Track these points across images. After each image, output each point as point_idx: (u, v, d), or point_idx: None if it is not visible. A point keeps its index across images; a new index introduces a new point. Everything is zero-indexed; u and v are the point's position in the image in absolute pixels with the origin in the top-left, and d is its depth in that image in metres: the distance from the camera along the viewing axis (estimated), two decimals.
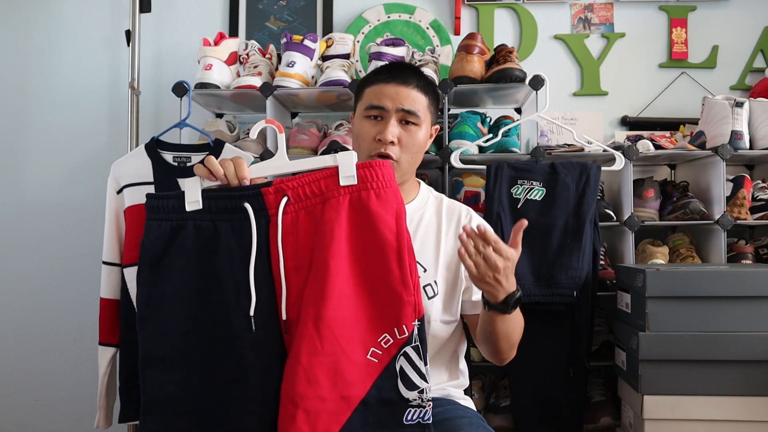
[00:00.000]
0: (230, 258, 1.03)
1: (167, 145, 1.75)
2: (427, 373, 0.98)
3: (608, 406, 1.92)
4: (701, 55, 2.40)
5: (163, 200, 1.06)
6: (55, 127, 2.47)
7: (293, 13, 2.46)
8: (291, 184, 1.04)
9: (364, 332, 0.99)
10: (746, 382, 1.64)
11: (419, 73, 1.37)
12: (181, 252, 1.04)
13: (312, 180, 1.04)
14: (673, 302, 1.66)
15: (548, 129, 2.31)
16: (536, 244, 1.85)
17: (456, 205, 1.41)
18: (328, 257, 0.99)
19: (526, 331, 1.85)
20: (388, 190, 1.01)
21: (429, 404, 0.98)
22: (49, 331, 2.44)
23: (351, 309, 1.00)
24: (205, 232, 1.04)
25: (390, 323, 0.98)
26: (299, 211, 1.03)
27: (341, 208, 1.02)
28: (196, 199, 1.05)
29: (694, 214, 1.98)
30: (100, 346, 1.74)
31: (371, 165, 1.03)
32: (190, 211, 1.05)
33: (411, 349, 0.97)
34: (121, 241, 1.73)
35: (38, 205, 2.46)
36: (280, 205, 1.02)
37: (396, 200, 1.02)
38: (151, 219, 1.06)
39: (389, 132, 1.28)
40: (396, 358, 0.98)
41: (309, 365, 0.97)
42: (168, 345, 1.04)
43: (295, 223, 1.03)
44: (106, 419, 1.76)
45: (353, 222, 1.01)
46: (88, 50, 2.47)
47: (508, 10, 2.44)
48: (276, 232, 1.02)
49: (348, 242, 1.01)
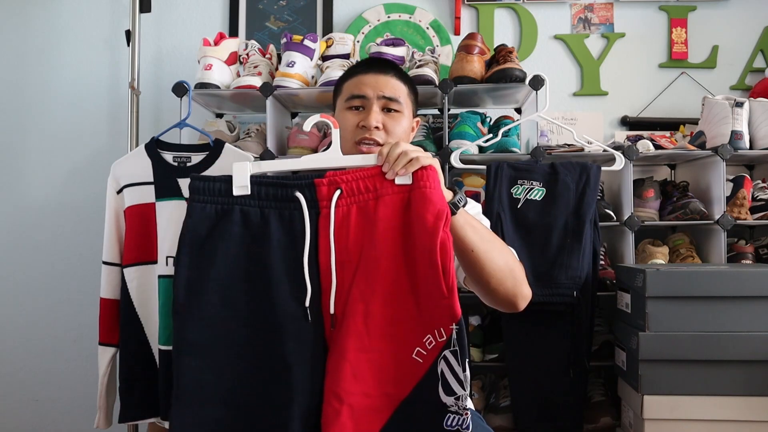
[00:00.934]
0: (279, 247, 1.01)
1: (167, 145, 1.75)
2: (465, 380, 0.96)
3: (608, 406, 1.92)
4: (701, 55, 2.40)
5: (209, 182, 1.02)
6: (55, 127, 2.47)
7: (293, 13, 2.46)
8: (345, 178, 1.02)
9: (410, 331, 0.98)
10: (746, 382, 1.64)
11: (396, 65, 1.38)
12: (225, 237, 1.01)
13: (367, 176, 1.02)
14: (673, 302, 1.66)
15: (548, 129, 2.31)
16: (536, 244, 1.85)
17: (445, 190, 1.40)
18: (380, 255, 0.99)
19: (526, 331, 1.85)
20: (433, 191, 1.00)
21: (466, 413, 0.95)
22: (49, 331, 2.44)
23: (399, 308, 0.98)
24: (252, 219, 1.02)
25: (433, 324, 0.97)
26: (351, 205, 1.02)
27: (395, 206, 1.00)
28: (245, 184, 1.02)
29: (694, 214, 1.98)
30: (100, 346, 1.74)
31: (424, 167, 1.01)
32: (238, 195, 1.02)
33: (450, 353, 0.95)
34: (121, 241, 1.73)
35: (38, 205, 2.46)
36: (333, 197, 1.01)
37: (439, 202, 0.99)
38: (195, 200, 1.02)
39: (373, 117, 1.28)
40: (437, 361, 0.96)
41: (356, 361, 0.97)
42: (206, 331, 1.01)
43: (346, 217, 1.01)
44: (106, 419, 1.76)
45: (404, 221, 1.00)
46: (88, 50, 2.47)
47: (508, 10, 2.44)
48: (327, 225, 1.00)
49: (398, 241, 0.99)
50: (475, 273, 1.13)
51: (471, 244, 1.09)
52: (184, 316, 1.01)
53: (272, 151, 2.01)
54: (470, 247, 1.09)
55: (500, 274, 1.13)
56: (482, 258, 1.10)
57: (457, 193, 1.09)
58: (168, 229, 1.66)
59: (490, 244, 1.12)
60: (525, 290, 1.19)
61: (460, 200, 1.08)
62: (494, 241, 1.15)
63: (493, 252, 1.12)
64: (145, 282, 1.69)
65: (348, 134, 1.31)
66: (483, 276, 1.12)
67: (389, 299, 0.98)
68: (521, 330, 1.87)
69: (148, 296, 1.69)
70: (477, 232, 1.10)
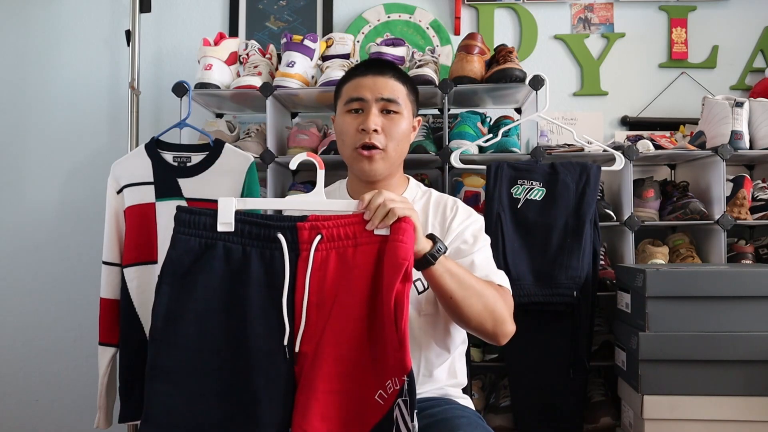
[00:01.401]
0: (257, 285, 1.04)
1: (167, 145, 1.75)
2: (413, 429, 0.97)
3: (608, 406, 1.92)
4: (701, 55, 2.40)
5: (194, 215, 1.06)
6: (55, 127, 2.47)
7: (293, 13, 2.46)
8: (326, 224, 1.06)
9: (375, 375, 1.02)
10: (746, 382, 1.64)
11: (395, 66, 1.38)
12: (207, 270, 1.05)
13: (347, 223, 1.06)
14: (673, 302, 1.66)
15: (548, 129, 2.31)
16: (536, 244, 1.85)
17: (443, 197, 1.40)
18: (352, 301, 1.03)
19: (526, 331, 1.85)
20: (400, 246, 1.02)
21: None
22: (49, 331, 2.44)
23: (365, 352, 1.02)
24: (234, 255, 1.05)
25: (391, 372, 1.00)
26: (330, 250, 1.06)
27: (371, 255, 1.04)
28: (230, 221, 1.05)
29: (694, 214, 1.98)
30: (100, 346, 1.74)
31: (401, 219, 1.04)
32: (221, 231, 1.05)
33: (401, 402, 0.98)
34: (121, 241, 1.73)
35: (38, 205, 2.46)
36: (314, 242, 1.04)
37: (403, 256, 1.02)
38: (180, 233, 1.06)
39: (371, 121, 1.28)
40: (394, 406, 0.99)
41: (325, 402, 1.01)
42: (180, 359, 1.04)
43: (324, 261, 1.05)
44: (106, 419, 1.76)
45: (376, 270, 1.04)
46: (88, 50, 2.47)
47: (508, 10, 2.44)
48: (305, 267, 1.04)
49: (369, 289, 1.03)
50: (455, 317, 1.20)
51: (449, 291, 1.14)
52: (160, 343, 1.05)
53: (272, 151, 2.01)
54: (449, 294, 1.15)
55: (479, 318, 1.18)
56: (461, 304, 1.16)
57: (437, 242, 1.12)
58: (168, 229, 1.63)
59: (469, 291, 1.17)
60: (507, 329, 1.24)
61: (440, 249, 1.12)
62: (473, 286, 1.18)
63: (471, 298, 1.16)
64: (145, 282, 1.69)
65: (348, 139, 1.31)
66: (462, 319, 1.19)
67: (357, 344, 1.02)
68: (521, 330, 1.86)
69: (148, 296, 1.68)
70: (456, 280, 1.14)
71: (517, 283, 1.80)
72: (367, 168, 1.30)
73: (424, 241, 1.10)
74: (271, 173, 2.02)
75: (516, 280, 1.80)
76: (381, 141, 1.29)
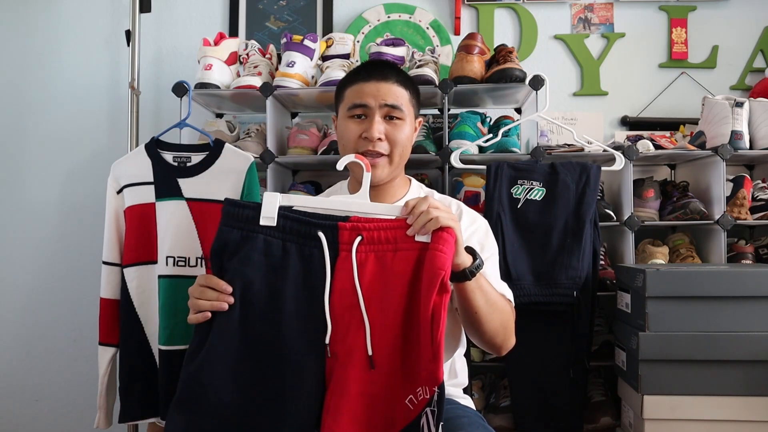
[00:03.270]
0: (295, 281, 1.05)
1: (167, 145, 1.75)
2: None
3: (608, 406, 1.92)
4: (701, 55, 2.40)
5: (239, 208, 1.07)
6: (55, 127, 2.47)
7: (293, 13, 2.46)
8: (367, 225, 1.06)
9: (406, 381, 1.02)
10: (746, 382, 1.64)
11: (398, 68, 1.37)
12: (246, 261, 1.06)
13: (388, 227, 1.06)
14: (673, 302, 1.66)
15: (548, 129, 2.31)
16: (536, 244, 1.85)
17: (446, 200, 1.40)
18: (390, 306, 1.03)
19: (526, 331, 1.84)
20: (439, 256, 1.02)
21: None
22: (49, 331, 2.44)
23: (399, 359, 1.03)
24: (273, 250, 1.06)
25: (422, 380, 1.00)
26: (369, 252, 1.06)
27: (410, 261, 1.04)
28: (272, 216, 1.06)
29: (694, 214, 1.98)
30: (100, 346, 1.74)
31: (443, 229, 1.04)
32: (263, 225, 1.06)
33: (429, 411, 0.99)
34: (121, 241, 1.73)
35: (38, 205, 2.46)
36: (354, 242, 1.05)
37: (441, 266, 1.02)
38: (225, 225, 1.07)
39: (375, 129, 1.28)
40: (422, 414, 0.99)
41: (356, 405, 1.01)
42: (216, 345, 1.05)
43: (363, 264, 1.05)
44: (106, 419, 1.76)
45: (414, 277, 1.04)
46: (88, 50, 2.47)
47: (508, 10, 2.44)
48: (343, 267, 1.05)
49: (406, 295, 1.03)
50: (472, 330, 1.22)
51: (476, 307, 1.16)
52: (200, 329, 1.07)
53: (272, 151, 2.01)
54: (474, 309, 1.17)
55: (494, 332, 1.21)
56: (483, 319, 1.18)
57: (477, 258, 1.13)
58: (168, 229, 1.66)
59: (493, 307, 1.19)
60: (511, 342, 1.28)
61: (479, 266, 1.12)
62: (497, 302, 1.21)
63: (494, 314, 1.19)
64: (145, 282, 1.69)
65: (350, 144, 1.31)
66: (479, 333, 1.21)
67: (392, 350, 1.03)
68: (521, 330, 1.86)
69: (148, 296, 1.69)
70: (484, 296, 1.16)
71: (517, 283, 1.80)
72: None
73: (464, 254, 1.10)
74: (271, 173, 2.02)
75: (516, 280, 1.80)
76: (384, 148, 1.30)
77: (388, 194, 1.37)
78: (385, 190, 1.36)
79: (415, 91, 1.38)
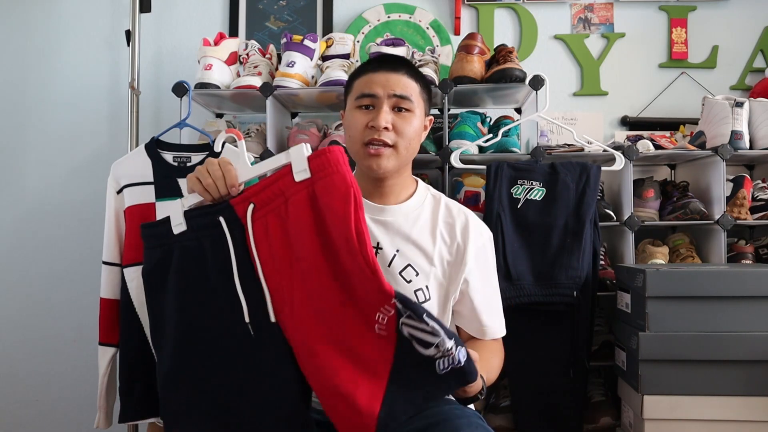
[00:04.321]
0: (217, 270, 1.06)
1: (167, 145, 1.75)
2: (438, 324, 0.97)
3: (608, 406, 1.92)
4: (701, 55, 2.40)
5: (153, 228, 1.11)
6: (55, 127, 2.47)
7: (293, 13, 2.46)
8: (255, 190, 1.06)
9: (361, 314, 1.01)
10: (746, 382, 1.64)
11: (408, 62, 1.35)
12: (176, 273, 1.09)
13: (270, 182, 1.06)
14: (673, 302, 1.66)
15: (548, 129, 2.31)
16: (536, 244, 1.85)
17: (454, 211, 1.35)
18: (302, 256, 1.02)
19: (526, 331, 1.85)
20: (335, 177, 1.01)
21: (450, 352, 0.97)
22: (49, 331, 2.44)
23: (341, 297, 1.01)
24: (192, 251, 1.08)
25: (375, 304, 0.99)
26: (267, 215, 1.05)
27: (303, 203, 1.03)
28: (180, 222, 1.09)
29: (694, 214, 1.98)
30: (100, 346, 1.74)
31: (320, 153, 1.03)
32: (178, 233, 1.09)
33: (407, 319, 0.98)
34: (121, 241, 1.73)
35: (38, 205, 2.46)
36: (247, 213, 1.05)
37: (344, 185, 1.00)
38: (147, 247, 1.11)
39: (382, 118, 1.25)
40: (400, 328, 0.98)
41: (327, 357, 1.00)
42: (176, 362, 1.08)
43: (266, 228, 1.05)
44: (106, 419, 1.76)
45: (315, 216, 1.03)
46: (88, 50, 2.47)
47: (508, 10, 2.44)
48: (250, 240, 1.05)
49: (316, 237, 1.02)
50: None
51: None
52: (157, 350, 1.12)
53: (272, 151, 2.01)
54: None
55: None
56: None
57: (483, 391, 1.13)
58: None
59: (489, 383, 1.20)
60: None
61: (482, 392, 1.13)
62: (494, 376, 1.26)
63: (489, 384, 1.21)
64: None
65: (357, 134, 1.28)
66: None
67: (329, 294, 1.01)
68: (521, 330, 1.86)
69: None
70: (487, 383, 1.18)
71: (517, 283, 1.80)
72: (374, 165, 1.27)
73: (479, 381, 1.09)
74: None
75: (516, 280, 1.81)
76: (391, 138, 1.26)
77: (393, 194, 1.33)
78: (391, 189, 1.33)
79: (426, 87, 1.34)
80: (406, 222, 1.31)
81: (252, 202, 1.05)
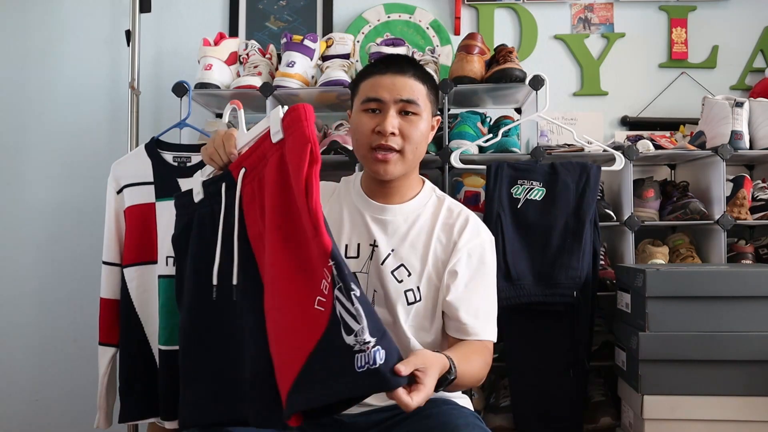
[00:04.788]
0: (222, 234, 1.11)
1: (167, 145, 1.75)
2: (365, 309, 0.92)
3: (608, 406, 1.92)
4: (701, 55, 2.40)
5: (182, 197, 1.19)
6: (55, 127, 2.47)
7: (293, 13, 2.46)
8: (246, 155, 1.11)
9: (308, 282, 0.97)
10: (746, 382, 1.64)
11: (415, 62, 1.34)
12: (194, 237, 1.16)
13: (257, 146, 1.10)
14: (673, 302, 1.66)
15: (548, 129, 2.31)
16: (536, 244, 1.85)
17: (454, 214, 1.34)
18: (271, 218, 1.04)
19: (526, 331, 1.85)
20: (296, 133, 1.01)
21: (367, 346, 0.90)
22: (49, 331, 2.44)
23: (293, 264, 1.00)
24: (206, 218, 1.15)
25: (318, 268, 0.95)
26: (254, 179, 1.09)
27: (273, 166, 1.05)
28: (199, 191, 1.17)
29: (694, 214, 1.98)
30: (100, 346, 1.75)
31: (288, 112, 1.04)
32: (197, 201, 1.16)
33: (338, 291, 0.93)
34: (121, 241, 1.73)
35: (38, 205, 2.46)
36: (238, 178, 1.10)
37: (303, 139, 0.99)
38: (177, 216, 1.20)
39: (388, 123, 1.24)
40: (334, 304, 0.93)
41: (271, 324, 1.02)
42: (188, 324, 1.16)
43: (257, 191, 1.08)
44: (106, 419, 1.77)
45: (282, 177, 1.04)
46: (88, 50, 2.47)
47: (508, 10, 2.44)
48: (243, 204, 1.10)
49: (280, 198, 1.03)
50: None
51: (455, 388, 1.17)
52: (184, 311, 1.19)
53: None
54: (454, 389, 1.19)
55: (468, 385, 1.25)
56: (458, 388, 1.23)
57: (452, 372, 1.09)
58: (168, 229, 1.64)
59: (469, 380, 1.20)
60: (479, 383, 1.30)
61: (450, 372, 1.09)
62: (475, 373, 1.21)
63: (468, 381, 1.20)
64: (145, 282, 1.69)
65: (363, 138, 1.27)
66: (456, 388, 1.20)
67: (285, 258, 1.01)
68: (521, 330, 1.87)
69: (148, 296, 1.70)
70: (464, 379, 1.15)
71: (517, 283, 1.80)
72: (382, 170, 1.27)
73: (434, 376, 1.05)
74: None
75: (516, 280, 1.80)
76: (398, 143, 1.26)
77: (398, 194, 1.33)
78: (396, 189, 1.33)
79: (433, 88, 1.33)
80: (404, 222, 1.31)
81: (243, 167, 1.10)
